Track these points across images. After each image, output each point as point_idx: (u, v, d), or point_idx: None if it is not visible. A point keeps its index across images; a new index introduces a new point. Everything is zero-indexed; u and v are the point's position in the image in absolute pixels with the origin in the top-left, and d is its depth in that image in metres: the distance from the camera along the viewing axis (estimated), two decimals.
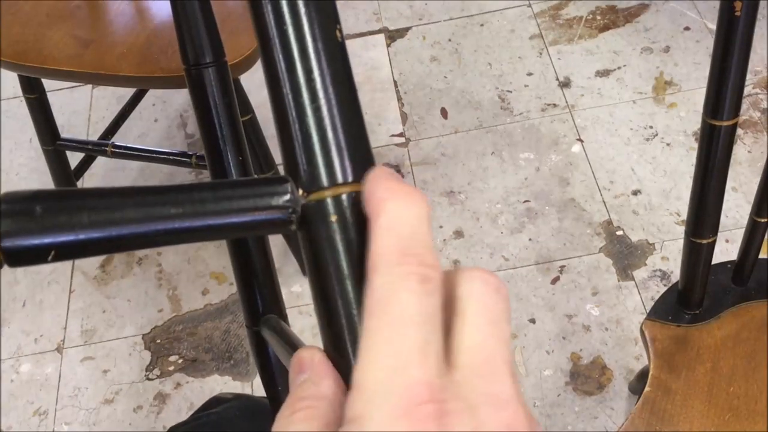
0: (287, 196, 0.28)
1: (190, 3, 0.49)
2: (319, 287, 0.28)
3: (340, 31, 0.29)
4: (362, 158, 0.28)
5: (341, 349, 0.27)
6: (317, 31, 0.28)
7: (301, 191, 0.28)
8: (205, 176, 1.55)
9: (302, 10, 0.28)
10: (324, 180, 0.28)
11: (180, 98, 1.76)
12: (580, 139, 1.57)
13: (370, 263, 0.24)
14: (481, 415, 0.23)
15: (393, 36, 1.81)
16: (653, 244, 1.41)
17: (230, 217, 0.27)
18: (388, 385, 0.22)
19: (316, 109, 0.28)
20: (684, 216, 1.40)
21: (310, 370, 0.27)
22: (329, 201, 0.27)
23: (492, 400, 0.23)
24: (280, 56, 0.28)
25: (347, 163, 0.28)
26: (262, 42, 0.28)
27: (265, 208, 0.28)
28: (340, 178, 0.28)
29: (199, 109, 0.50)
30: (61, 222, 0.24)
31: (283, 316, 0.51)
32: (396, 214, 0.25)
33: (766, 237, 0.84)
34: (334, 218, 0.27)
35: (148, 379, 1.37)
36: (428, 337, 0.23)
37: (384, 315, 0.23)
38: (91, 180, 1.64)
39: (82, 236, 0.25)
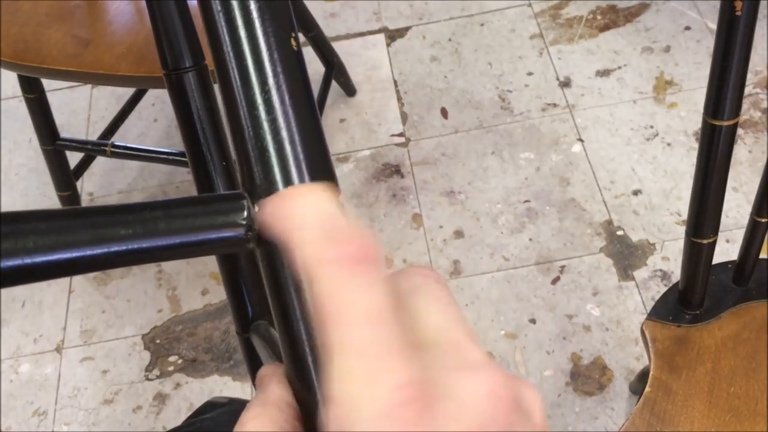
0: (243, 214, 0.27)
1: (167, 5, 0.48)
2: (280, 308, 0.27)
3: (296, 39, 0.28)
4: (322, 172, 0.27)
5: (305, 374, 0.26)
6: (272, 40, 0.27)
7: (257, 208, 0.27)
8: None
9: (256, 18, 0.27)
10: None
11: None
12: (580, 139, 1.57)
13: (302, 271, 0.23)
14: (460, 389, 0.22)
15: (393, 35, 1.81)
16: (654, 244, 1.41)
17: (184, 237, 0.26)
18: (366, 394, 0.21)
19: (272, 122, 0.27)
20: (684, 216, 1.40)
21: (260, 383, 0.27)
22: None
23: (465, 368, 0.23)
24: (234, 67, 0.27)
25: (306, 178, 0.27)
26: (216, 52, 0.27)
27: (220, 227, 0.27)
28: None
29: (180, 115, 0.49)
30: (5, 247, 0.24)
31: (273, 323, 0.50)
32: (296, 211, 0.24)
33: (766, 237, 0.83)
34: None
35: (148, 379, 1.37)
36: (388, 330, 0.22)
37: (337, 322, 0.22)
38: (90, 180, 1.64)
39: (28, 261, 0.24)
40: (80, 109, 1.77)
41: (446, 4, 1.85)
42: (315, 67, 1.62)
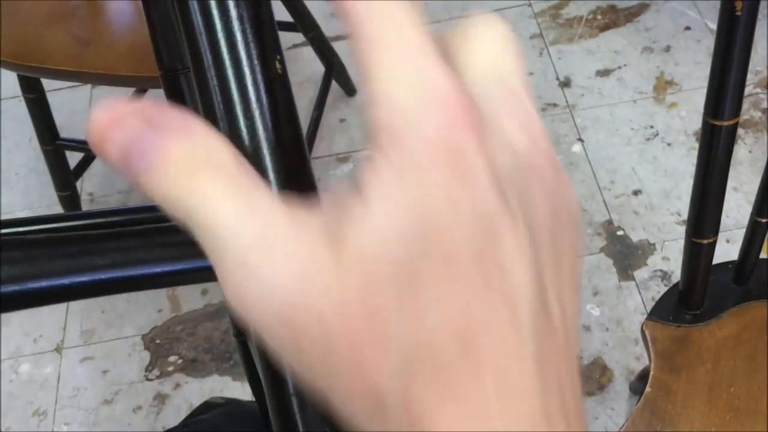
0: None
1: (162, 5, 0.47)
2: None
3: (281, 62, 0.27)
4: (308, 199, 0.27)
5: (283, 399, 0.25)
6: (256, 63, 0.26)
7: None
8: None
9: (240, 41, 0.26)
10: None
11: None
12: (580, 139, 1.57)
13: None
14: (508, 131, 0.20)
15: None
16: (654, 244, 1.41)
17: (163, 265, 0.25)
18: (407, 95, 0.18)
19: (255, 149, 0.26)
20: (685, 216, 1.39)
21: (148, 132, 0.20)
22: None
23: (518, 117, 0.21)
24: (217, 91, 0.26)
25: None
26: (198, 77, 0.27)
27: (201, 255, 0.25)
28: None
29: None
30: None
31: None
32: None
33: (766, 237, 0.83)
34: None
35: (148, 379, 1.37)
36: (429, 38, 0.19)
37: (369, 26, 0.19)
38: (90, 180, 1.64)
39: (1, 290, 0.23)
40: (80, 109, 1.77)
41: (446, 4, 1.84)
42: (315, 67, 1.62)
